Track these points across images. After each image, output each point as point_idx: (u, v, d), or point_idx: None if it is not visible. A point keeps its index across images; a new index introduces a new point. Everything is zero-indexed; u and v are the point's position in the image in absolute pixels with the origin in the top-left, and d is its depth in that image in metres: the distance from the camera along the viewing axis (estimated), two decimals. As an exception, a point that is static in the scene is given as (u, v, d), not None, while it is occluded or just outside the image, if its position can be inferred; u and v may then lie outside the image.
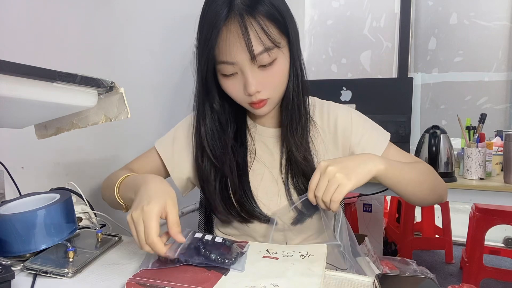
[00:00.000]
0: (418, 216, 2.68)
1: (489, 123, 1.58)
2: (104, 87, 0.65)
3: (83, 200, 0.92)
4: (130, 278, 0.57)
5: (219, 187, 0.82)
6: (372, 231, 2.22)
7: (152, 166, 0.90)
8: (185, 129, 0.90)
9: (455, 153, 1.52)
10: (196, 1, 0.80)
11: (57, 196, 0.74)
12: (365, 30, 2.95)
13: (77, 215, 0.82)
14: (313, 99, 0.89)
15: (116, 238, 0.77)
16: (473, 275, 2.02)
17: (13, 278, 0.55)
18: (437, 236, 2.65)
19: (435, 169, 0.88)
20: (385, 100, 1.57)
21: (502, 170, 1.46)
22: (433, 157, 1.44)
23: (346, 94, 1.59)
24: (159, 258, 0.63)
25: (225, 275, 0.58)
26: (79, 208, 0.88)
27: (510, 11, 2.58)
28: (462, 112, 2.69)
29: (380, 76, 2.92)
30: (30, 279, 0.61)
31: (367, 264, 0.88)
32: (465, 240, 2.48)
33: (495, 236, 2.63)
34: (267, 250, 0.68)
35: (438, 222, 2.58)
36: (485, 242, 2.04)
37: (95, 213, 0.92)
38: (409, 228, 2.43)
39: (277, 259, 0.64)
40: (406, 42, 2.82)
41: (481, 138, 1.45)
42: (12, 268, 0.57)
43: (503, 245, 2.69)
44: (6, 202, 0.74)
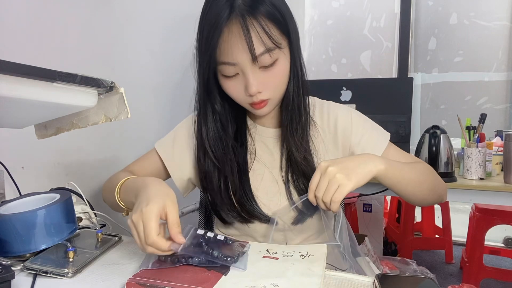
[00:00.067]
0: (418, 216, 2.68)
1: (489, 123, 1.58)
2: (104, 87, 0.65)
3: (83, 200, 0.92)
4: (130, 278, 0.57)
5: (220, 187, 0.82)
6: (372, 231, 2.22)
7: (153, 167, 0.90)
8: (185, 129, 0.90)
9: (455, 153, 1.52)
10: (196, 1, 0.79)
11: (57, 196, 0.74)
12: (365, 30, 2.95)
13: (77, 215, 0.82)
14: (313, 99, 0.89)
15: (116, 238, 0.77)
16: (473, 275, 2.02)
17: (13, 278, 0.55)
18: (437, 236, 2.65)
19: (435, 169, 0.88)
20: (385, 100, 1.57)
21: (502, 170, 1.46)
22: (433, 157, 1.44)
23: (346, 94, 1.59)
24: (159, 258, 0.63)
25: (225, 275, 0.58)
26: (79, 208, 0.88)
27: (510, 11, 2.58)
28: (462, 112, 2.69)
29: (380, 76, 2.92)
30: (30, 279, 0.61)
31: (367, 264, 0.88)
32: (465, 240, 2.48)
33: (495, 236, 2.63)
34: (267, 250, 0.68)
35: (438, 222, 2.58)
36: (485, 242, 2.04)
37: (95, 213, 0.92)
38: (409, 228, 2.43)
39: (277, 259, 0.64)
40: (406, 42, 2.82)
41: (481, 138, 1.45)
42: (12, 268, 0.57)
43: (503, 245, 2.69)
44: (6, 202, 0.74)
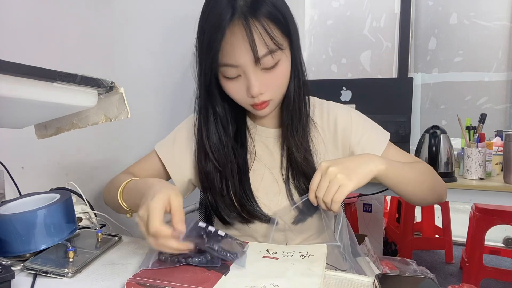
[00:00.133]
0: (418, 216, 2.68)
1: (489, 123, 1.58)
2: (104, 87, 0.65)
3: (83, 200, 0.92)
4: (130, 278, 0.57)
5: (221, 188, 0.82)
6: (372, 231, 2.22)
7: (153, 169, 0.90)
8: (185, 131, 0.90)
9: (455, 153, 1.52)
10: (196, 2, 0.79)
11: (57, 196, 0.74)
12: (365, 30, 2.94)
13: (77, 215, 0.82)
14: (313, 99, 0.89)
15: (116, 238, 0.77)
16: (473, 275, 2.02)
17: (13, 278, 0.55)
18: (437, 236, 2.65)
19: (435, 169, 0.88)
20: (385, 100, 1.57)
21: (502, 170, 1.46)
22: (433, 157, 1.44)
23: (346, 94, 1.59)
24: (159, 258, 0.63)
25: (225, 275, 0.58)
26: (79, 208, 0.88)
27: (510, 11, 2.58)
28: (462, 112, 2.69)
29: (380, 76, 2.92)
30: (30, 279, 0.61)
31: (367, 264, 0.88)
32: (465, 240, 2.48)
33: (495, 236, 2.63)
34: (267, 250, 0.68)
35: (438, 222, 2.58)
36: (485, 242, 2.04)
37: (95, 213, 0.92)
38: (409, 228, 2.43)
39: (277, 259, 0.64)
40: (406, 42, 2.81)
41: (481, 138, 1.45)
42: (12, 268, 0.57)
43: (503, 245, 2.69)
44: (6, 202, 0.74)
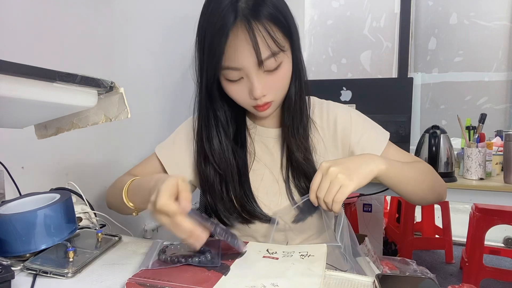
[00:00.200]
0: (418, 216, 2.68)
1: (489, 123, 1.58)
2: (104, 87, 0.65)
3: (83, 200, 0.92)
4: (130, 278, 0.57)
5: (221, 190, 0.82)
6: (372, 231, 2.22)
7: (154, 171, 0.90)
8: (185, 133, 0.90)
9: (455, 153, 1.52)
10: (196, 2, 0.79)
11: (57, 196, 0.74)
12: (365, 30, 2.94)
13: (77, 215, 0.82)
14: (313, 98, 0.89)
15: (116, 238, 0.77)
16: (473, 275, 2.02)
17: (13, 278, 0.55)
18: (437, 236, 2.65)
19: (435, 169, 0.88)
20: (385, 100, 1.57)
21: (502, 170, 1.46)
22: (433, 157, 1.44)
23: (346, 94, 1.59)
24: (159, 258, 0.63)
25: (225, 275, 0.58)
26: (79, 208, 0.88)
27: (510, 11, 2.58)
28: (462, 112, 2.69)
29: (380, 76, 2.92)
30: (30, 279, 0.61)
31: (367, 264, 0.88)
32: (465, 240, 2.48)
33: (495, 236, 2.63)
34: (267, 250, 0.68)
35: (438, 222, 2.58)
36: (485, 242, 2.04)
37: (95, 213, 0.92)
38: (409, 228, 2.43)
39: (277, 259, 0.64)
40: (406, 42, 2.82)
41: (481, 138, 1.45)
42: (12, 268, 0.57)
43: (503, 245, 2.69)
44: (6, 202, 0.74)
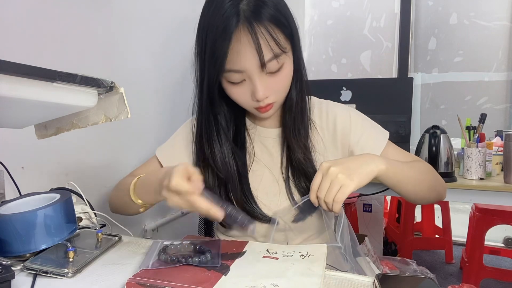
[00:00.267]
0: (418, 216, 2.68)
1: (489, 123, 1.58)
2: (104, 87, 0.65)
3: (83, 200, 0.92)
4: (130, 278, 0.57)
5: (220, 192, 0.82)
6: (372, 231, 2.22)
7: None
8: (185, 135, 0.90)
9: (455, 153, 1.52)
10: (196, 2, 0.79)
11: (57, 196, 0.74)
12: (365, 30, 2.94)
13: (77, 215, 0.82)
14: (312, 98, 0.89)
15: (116, 238, 0.77)
16: (473, 275, 2.02)
17: (13, 278, 0.55)
18: (437, 236, 2.65)
19: (435, 169, 0.88)
20: (385, 100, 1.57)
21: (502, 170, 1.46)
22: (433, 157, 1.44)
23: (346, 94, 1.59)
24: (159, 258, 0.63)
25: (225, 275, 0.58)
26: (79, 208, 0.88)
27: (510, 11, 2.58)
28: (462, 112, 2.69)
29: (380, 76, 2.92)
30: (30, 279, 0.61)
31: (367, 264, 0.88)
32: (465, 240, 2.48)
33: (495, 236, 2.63)
34: (267, 250, 0.68)
35: (438, 222, 2.58)
36: (485, 242, 2.04)
37: (95, 213, 0.92)
38: (409, 228, 2.43)
39: (277, 259, 0.64)
40: (406, 42, 2.81)
41: (481, 138, 1.45)
42: (12, 268, 0.57)
43: (503, 245, 2.69)
44: (6, 202, 0.74)
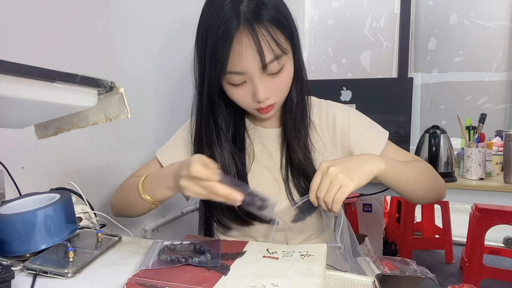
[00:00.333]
0: (418, 216, 2.68)
1: (489, 123, 1.58)
2: (104, 87, 0.65)
3: (83, 200, 0.92)
4: (130, 278, 0.57)
5: None
6: (372, 231, 2.22)
7: None
8: (185, 136, 0.90)
9: (455, 153, 1.52)
10: (196, 2, 0.79)
11: (57, 196, 0.74)
12: (365, 30, 2.94)
13: (77, 215, 0.82)
14: (311, 98, 0.89)
15: (116, 238, 0.77)
16: (473, 275, 2.02)
17: (13, 278, 0.55)
18: (437, 236, 2.65)
19: (435, 169, 0.88)
20: (385, 100, 1.57)
21: (502, 170, 1.46)
22: (433, 157, 1.44)
23: (346, 94, 1.59)
24: (159, 258, 0.63)
25: (225, 275, 0.58)
26: (79, 208, 0.88)
27: (510, 11, 2.58)
28: (462, 112, 2.69)
29: (380, 76, 2.92)
30: (30, 279, 0.61)
31: (367, 264, 0.88)
32: (465, 240, 2.48)
33: (495, 236, 2.63)
34: (267, 250, 0.68)
35: (438, 222, 2.58)
36: (485, 242, 2.04)
37: (95, 213, 0.92)
38: (409, 228, 2.43)
39: (277, 259, 0.64)
40: (406, 42, 2.82)
41: (481, 138, 1.45)
42: (12, 268, 0.57)
43: (503, 245, 2.69)
44: (6, 202, 0.74)
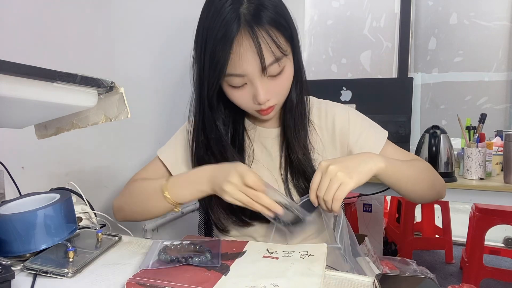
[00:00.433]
0: (418, 216, 2.68)
1: (489, 123, 1.58)
2: (104, 87, 0.64)
3: (83, 200, 0.92)
4: (130, 278, 0.57)
5: (218, 198, 0.82)
6: (372, 231, 2.22)
7: (159, 174, 0.89)
8: (185, 136, 0.90)
9: (455, 153, 1.52)
10: (197, 2, 0.79)
11: (57, 196, 0.74)
12: (365, 30, 2.94)
13: (77, 215, 0.82)
14: (311, 98, 0.89)
15: (116, 238, 0.77)
16: (473, 275, 2.02)
17: (13, 278, 0.55)
18: (437, 236, 2.65)
19: (435, 169, 0.88)
20: (385, 100, 1.57)
21: (502, 170, 1.46)
22: (433, 157, 1.44)
23: (346, 94, 1.59)
24: (159, 258, 0.63)
25: (225, 275, 0.58)
26: (79, 208, 0.88)
27: (510, 11, 2.58)
28: (462, 112, 2.69)
29: (380, 76, 2.92)
30: (30, 279, 0.61)
31: (367, 264, 0.88)
32: (465, 240, 2.48)
33: (495, 236, 2.63)
34: (267, 250, 0.68)
35: (438, 222, 2.58)
36: (485, 242, 2.04)
37: (95, 213, 0.92)
38: (409, 228, 2.43)
39: (277, 259, 0.64)
40: (406, 42, 2.82)
41: (481, 138, 1.45)
42: (12, 268, 0.57)
43: (503, 245, 2.69)
44: (6, 202, 0.74)
